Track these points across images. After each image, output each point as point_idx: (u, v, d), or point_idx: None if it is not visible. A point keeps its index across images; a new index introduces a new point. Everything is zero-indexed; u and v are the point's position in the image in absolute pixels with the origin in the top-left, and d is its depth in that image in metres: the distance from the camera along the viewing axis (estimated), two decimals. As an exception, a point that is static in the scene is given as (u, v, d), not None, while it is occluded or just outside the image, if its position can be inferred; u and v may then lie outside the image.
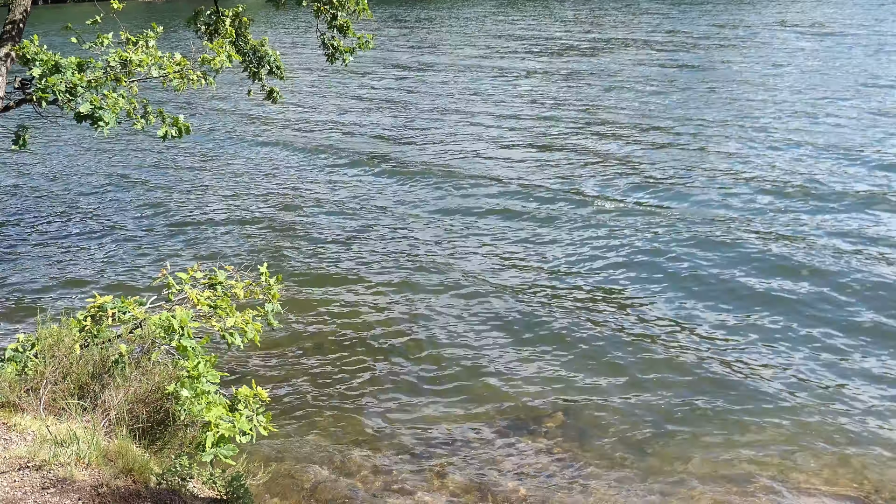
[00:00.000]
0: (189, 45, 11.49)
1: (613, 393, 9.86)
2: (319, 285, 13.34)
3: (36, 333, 7.51)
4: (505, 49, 42.10)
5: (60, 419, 6.34)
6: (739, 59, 33.53)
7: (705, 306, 11.94)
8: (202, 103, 30.75)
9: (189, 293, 8.15)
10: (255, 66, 15.04)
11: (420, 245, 14.81)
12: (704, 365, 10.37)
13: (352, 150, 22.24)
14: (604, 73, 32.04)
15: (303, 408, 9.81)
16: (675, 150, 20.06)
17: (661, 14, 57.32)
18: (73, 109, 9.80)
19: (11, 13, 11.91)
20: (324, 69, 36.40)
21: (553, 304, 12.21)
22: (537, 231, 15.18)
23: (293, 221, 16.43)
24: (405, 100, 29.58)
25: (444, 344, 11.20)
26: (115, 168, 21.58)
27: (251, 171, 20.55)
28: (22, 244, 15.79)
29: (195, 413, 6.16)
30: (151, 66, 10.57)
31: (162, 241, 15.63)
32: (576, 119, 24.19)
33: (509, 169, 19.26)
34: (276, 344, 11.27)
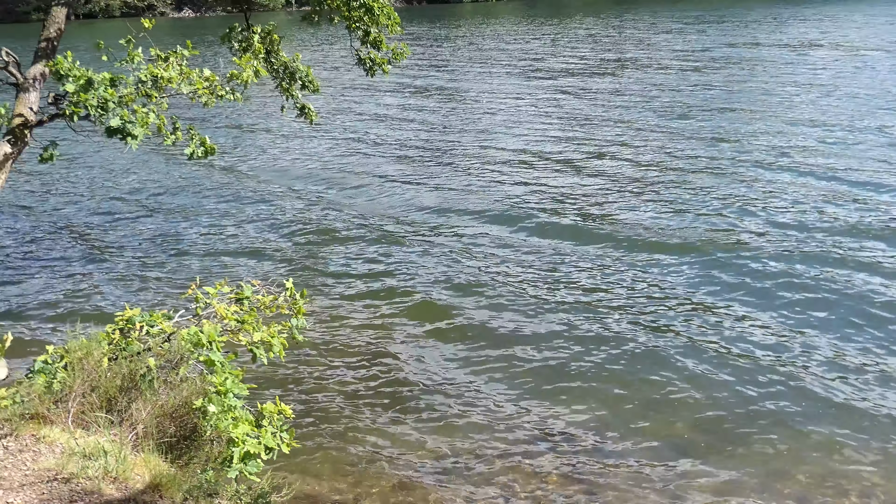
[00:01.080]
0: (216, 60, 11.61)
1: (638, 418, 9.80)
2: (344, 301, 13.39)
3: (65, 346, 7.58)
4: (524, 68, 42.29)
5: (89, 432, 6.39)
6: (761, 80, 33.45)
7: (729, 331, 11.85)
8: (228, 120, 31.03)
9: (217, 307, 8.20)
10: (287, 82, 15.19)
11: (446, 264, 14.82)
12: (728, 391, 10.29)
13: (376, 166, 22.37)
14: (622, 94, 32.03)
15: (324, 424, 9.82)
16: (699, 174, 19.98)
17: (680, 32, 57.44)
18: (104, 124, 9.92)
19: (46, 30, 12.12)
20: (344, 86, 36.71)
21: (576, 330, 12.17)
22: (561, 254, 15.14)
23: (318, 237, 16.52)
24: (425, 118, 29.71)
25: (470, 365, 11.16)
26: (144, 183, 21.83)
27: (277, 187, 20.69)
28: (51, 257, 15.98)
29: (222, 429, 6.18)
30: (181, 82, 10.68)
31: (189, 255, 15.76)
32: (595, 141, 24.17)
33: (530, 190, 19.28)
34: (299, 359, 11.30)
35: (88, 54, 15.50)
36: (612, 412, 9.84)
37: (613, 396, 10.17)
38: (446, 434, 9.54)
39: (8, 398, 6.98)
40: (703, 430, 9.40)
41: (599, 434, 9.41)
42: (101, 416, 6.60)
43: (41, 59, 11.92)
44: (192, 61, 11.16)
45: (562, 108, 29.91)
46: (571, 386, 10.47)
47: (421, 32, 69.70)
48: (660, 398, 10.09)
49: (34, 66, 11.81)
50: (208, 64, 38.89)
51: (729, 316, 12.18)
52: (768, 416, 9.58)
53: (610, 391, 10.29)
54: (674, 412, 9.77)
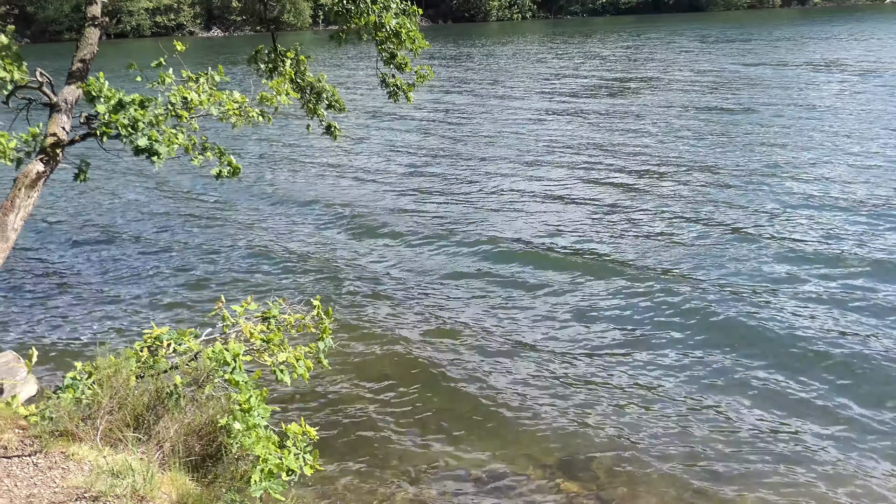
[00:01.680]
0: (242, 78, 11.77)
1: (666, 441, 9.75)
2: (371, 321, 13.42)
3: (94, 362, 7.67)
4: (546, 88, 42.41)
5: (116, 450, 6.46)
6: (777, 101, 33.23)
7: (750, 363, 11.77)
8: (253, 137, 31.32)
9: (243, 326, 8.28)
10: (314, 102, 15.32)
11: (470, 286, 14.84)
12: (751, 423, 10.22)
13: (398, 184, 22.46)
14: (640, 115, 31.96)
15: (349, 445, 9.83)
16: (716, 202, 19.87)
17: (703, 52, 57.46)
18: (133, 143, 10.06)
19: (79, 51, 12.32)
20: (367, 105, 36.98)
21: (597, 355, 12.13)
22: (587, 275, 15.09)
23: (343, 255, 16.59)
24: (449, 137, 29.85)
25: (493, 385, 11.14)
26: (171, 200, 22.06)
27: (302, 205, 20.82)
28: (81, 273, 16.18)
29: (247, 446, 6.24)
30: (211, 104, 10.82)
31: (217, 271, 15.87)
32: (612, 164, 24.09)
33: (551, 211, 19.28)
34: (325, 378, 11.33)
35: (119, 73, 15.73)
36: (647, 428, 9.80)
37: (650, 416, 10.13)
38: (475, 455, 9.52)
39: (37, 414, 7.07)
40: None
41: (631, 450, 9.37)
42: (129, 433, 6.67)
43: (74, 79, 12.12)
44: (221, 82, 11.31)
45: (584, 129, 29.90)
46: (604, 404, 10.43)
47: (446, 51, 70.05)
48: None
49: (67, 87, 12.00)
50: (237, 83, 39.33)
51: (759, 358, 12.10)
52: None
53: (647, 410, 10.25)
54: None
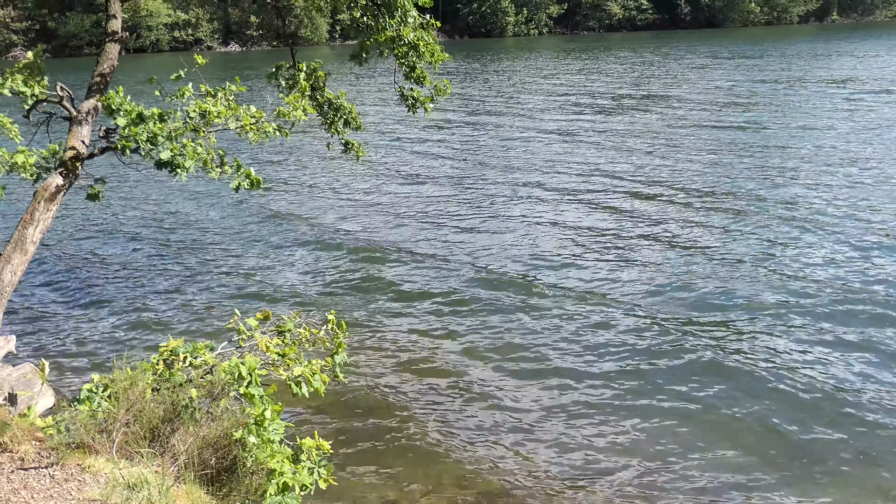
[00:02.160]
0: (261, 93, 11.87)
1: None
2: (384, 334, 13.43)
3: (110, 375, 7.71)
4: (554, 105, 42.46)
5: (132, 462, 6.48)
6: (788, 120, 33.03)
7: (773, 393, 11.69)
8: (269, 153, 31.50)
9: (258, 340, 8.30)
10: (332, 119, 15.40)
11: (485, 301, 14.82)
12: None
13: (413, 200, 22.51)
14: (648, 134, 31.86)
15: (361, 458, 9.82)
16: (734, 220, 19.80)
17: (718, 67, 57.46)
18: (154, 158, 10.14)
19: (99, 66, 12.46)
20: (383, 121, 37.08)
21: (621, 377, 12.09)
22: (605, 292, 15.08)
23: (358, 270, 16.62)
24: (463, 154, 29.92)
25: (513, 401, 11.11)
26: (187, 214, 22.18)
27: (317, 220, 20.89)
28: (97, 286, 16.27)
29: (261, 460, 6.24)
30: (229, 118, 10.89)
31: (232, 286, 15.93)
32: (628, 183, 24.06)
33: (568, 230, 19.27)
34: (340, 391, 11.33)
35: (138, 87, 15.84)
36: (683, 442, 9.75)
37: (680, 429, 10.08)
38: (490, 472, 9.49)
39: (54, 427, 7.11)
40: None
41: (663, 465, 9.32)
42: (145, 446, 6.69)
43: (94, 93, 12.24)
44: (239, 95, 11.39)
45: (594, 150, 29.82)
46: (624, 421, 10.38)
47: (461, 68, 70.28)
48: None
49: (87, 101, 12.13)
50: (255, 97, 39.57)
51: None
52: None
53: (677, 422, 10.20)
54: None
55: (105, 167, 21.58)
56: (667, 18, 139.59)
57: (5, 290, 10.36)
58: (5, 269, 10.38)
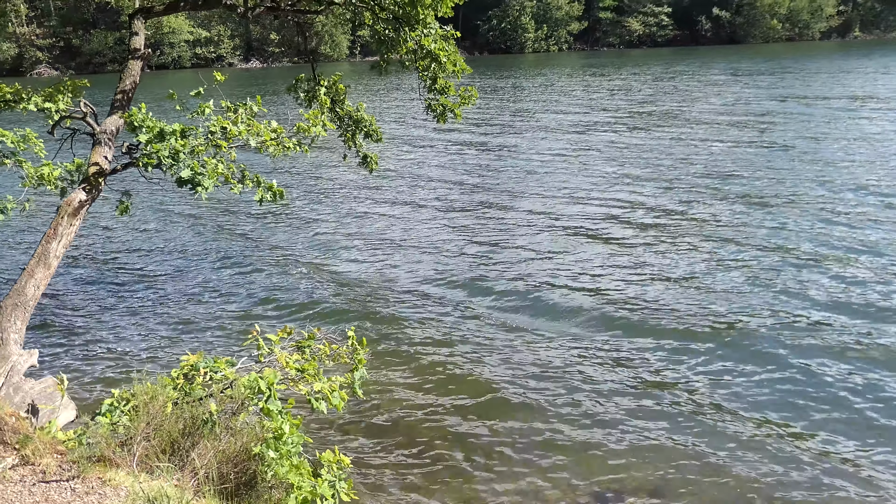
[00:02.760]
0: (281, 109, 11.97)
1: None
2: (402, 351, 13.43)
3: (131, 389, 7.75)
4: (577, 122, 42.51)
5: (152, 476, 6.50)
6: (810, 136, 32.75)
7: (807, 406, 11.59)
8: (286, 167, 31.67)
9: (278, 355, 8.32)
10: (352, 131, 15.49)
11: (506, 317, 14.82)
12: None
13: (438, 212, 22.55)
14: (666, 152, 31.70)
15: (382, 472, 9.81)
16: (759, 241, 19.69)
17: (738, 84, 57.26)
18: (175, 174, 10.23)
19: (122, 83, 12.62)
20: (401, 136, 37.18)
21: (644, 394, 12.03)
22: (608, 319, 15.03)
23: (377, 285, 16.64)
24: (481, 172, 29.95)
25: (534, 418, 11.07)
26: (208, 229, 22.31)
27: (336, 236, 20.95)
28: (118, 301, 16.38)
29: (280, 475, 6.25)
30: (249, 135, 10.97)
31: (253, 301, 16.00)
32: (650, 200, 24.06)
33: (573, 255, 19.23)
34: (359, 406, 11.33)
35: (160, 104, 16.02)
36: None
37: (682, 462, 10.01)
38: (513, 490, 9.45)
39: (75, 440, 7.15)
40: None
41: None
42: (165, 459, 6.72)
43: (117, 110, 12.40)
44: (259, 114, 11.48)
45: (616, 164, 29.90)
46: (633, 442, 10.32)
47: (479, 84, 70.47)
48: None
49: (110, 118, 12.28)
50: (275, 113, 39.83)
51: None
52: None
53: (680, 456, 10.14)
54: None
55: (126, 181, 21.77)
56: (687, 35, 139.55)
57: (28, 303, 10.47)
58: (29, 282, 10.49)
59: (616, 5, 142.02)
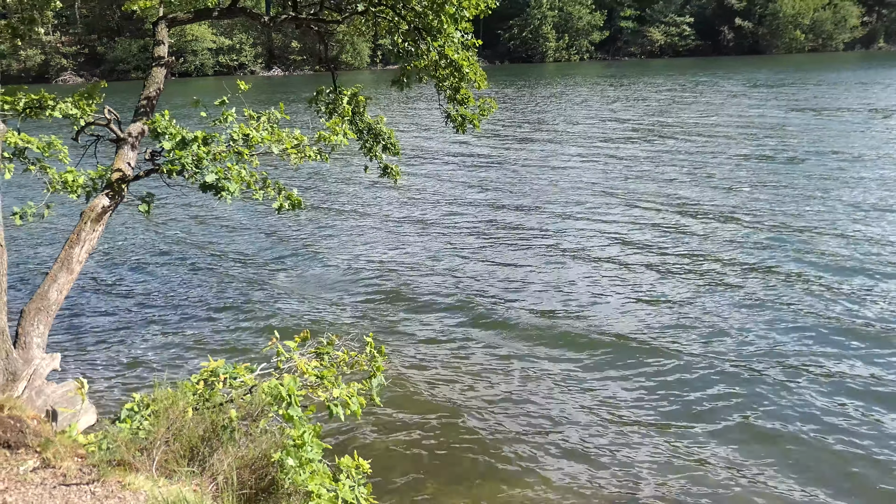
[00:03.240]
0: (303, 117, 12.06)
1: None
2: (423, 357, 13.43)
3: (152, 394, 7.80)
4: (589, 133, 42.50)
5: (171, 480, 6.53)
6: (830, 149, 32.45)
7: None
8: (303, 177, 31.81)
9: (297, 362, 8.35)
10: (371, 143, 15.55)
11: (525, 326, 14.79)
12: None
13: (455, 223, 22.57)
14: (683, 163, 31.59)
15: (400, 478, 9.81)
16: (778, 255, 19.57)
17: (760, 97, 56.89)
18: (198, 181, 10.30)
19: (146, 89, 12.73)
20: (420, 147, 37.24)
21: (664, 404, 11.98)
22: (640, 326, 14.98)
23: (395, 292, 16.66)
24: (500, 181, 29.97)
25: (552, 425, 11.04)
26: (227, 235, 22.43)
27: (356, 243, 21.01)
28: (140, 305, 16.49)
29: (299, 483, 6.26)
30: (271, 142, 11.04)
31: (272, 307, 16.06)
32: (671, 212, 23.98)
33: (599, 261, 19.19)
34: (378, 412, 11.34)
35: (183, 111, 16.14)
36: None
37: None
38: (530, 497, 9.42)
39: (95, 444, 7.21)
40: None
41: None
42: (184, 465, 6.75)
43: (141, 116, 12.50)
44: (281, 121, 11.55)
45: (634, 176, 29.84)
46: (674, 448, 10.27)
47: (500, 94, 70.55)
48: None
49: (134, 124, 12.39)
50: (297, 121, 40.06)
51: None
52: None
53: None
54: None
55: (149, 186, 21.95)
56: (709, 45, 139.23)
57: (51, 308, 10.56)
58: (52, 287, 10.59)
59: (638, 15, 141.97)
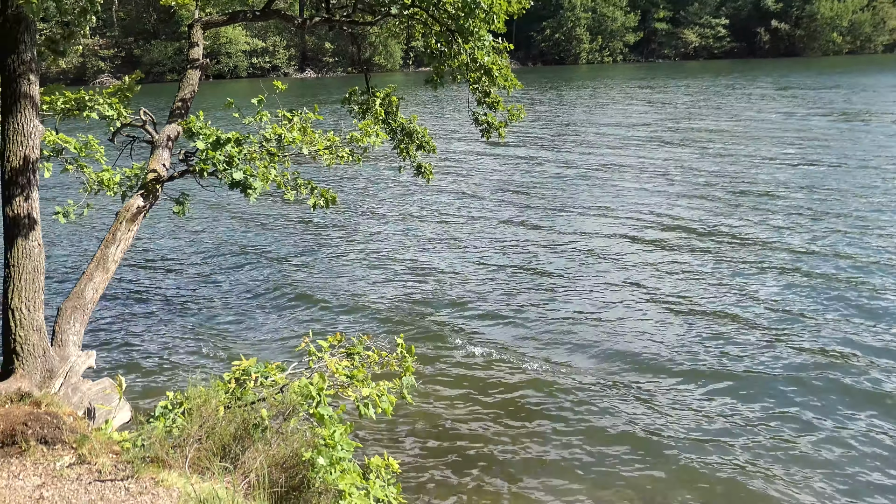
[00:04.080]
0: (335, 119, 12.14)
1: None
2: (453, 358, 13.43)
3: (185, 392, 7.88)
4: (631, 136, 42.19)
5: (204, 478, 6.60)
6: (862, 156, 31.83)
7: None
8: (338, 177, 31.95)
9: (328, 362, 8.40)
10: (405, 143, 15.59)
11: (554, 332, 14.75)
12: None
13: (484, 226, 22.56)
14: (723, 170, 31.31)
15: (430, 478, 9.82)
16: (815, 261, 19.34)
17: (799, 99, 56.13)
18: (228, 179, 10.39)
19: (181, 91, 12.87)
20: (454, 147, 37.26)
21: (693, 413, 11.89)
22: (679, 325, 14.88)
23: (431, 294, 16.68)
24: (533, 182, 29.87)
25: (591, 430, 10.99)
26: (263, 236, 22.59)
27: (388, 242, 21.07)
28: (172, 305, 16.67)
29: (329, 482, 6.29)
30: (303, 143, 11.11)
31: (304, 306, 16.15)
32: (699, 220, 23.80)
33: (639, 265, 19.08)
34: (408, 412, 11.37)
35: (216, 112, 16.29)
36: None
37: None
38: (558, 499, 9.40)
39: (130, 441, 7.30)
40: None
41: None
42: (217, 462, 6.81)
43: (175, 118, 12.65)
44: (314, 122, 11.62)
45: (667, 179, 29.65)
46: (683, 460, 10.20)
47: (532, 96, 70.41)
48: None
49: (169, 125, 12.53)
50: (329, 123, 40.29)
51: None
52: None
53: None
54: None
55: (184, 187, 22.18)
56: (745, 47, 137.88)
57: (87, 306, 10.71)
58: (88, 286, 10.74)
59: (672, 16, 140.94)
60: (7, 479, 6.61)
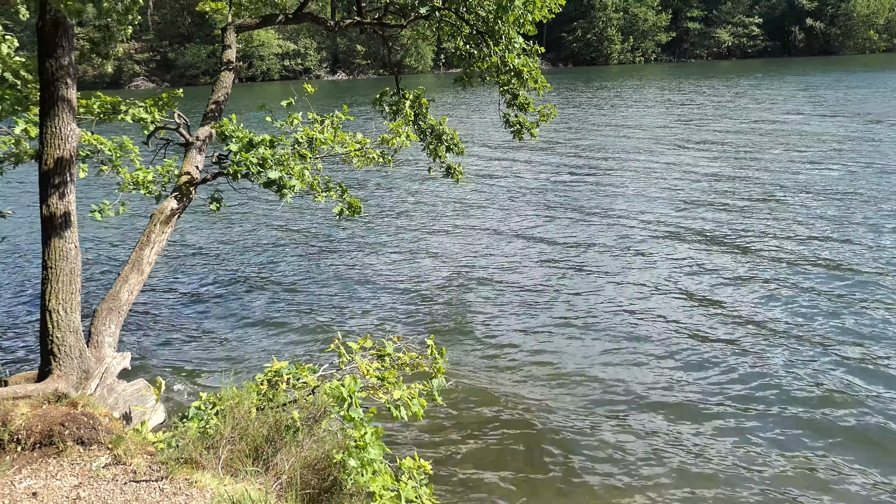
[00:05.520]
0: (367, 121, 12.18)
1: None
2: (483, 360, 13.41)
3: (218, 394, 7.95)
4: (659, 137, 41.81)
5: (236, 479, 6.64)
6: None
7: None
8: (369, 177, 32.04)
9: (359, 363, 8.43)
10: (435, 144, 15.62)
11: (582, 334, 14.67)
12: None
13: (513, 228, 22.51)
14: (751, 175, 31.01)
15: (461, 480, 9.80)
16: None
17: (828, 101, 55.38)
18: (262, 179, 10.46)
19: (215, 94, 12.99)
20: (483, 148, 37.20)
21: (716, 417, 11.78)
22: (700, 330, 14.75)
23: (461, 296, 16.67)
24: (563, 183, 29.78)
25: (623, 429, 10.92)
26: (294, 240, 22.71)
27: (419, 245, 21.09)
28: (207, 306, 16.80)
29: (361, 483, 6.31)
30: (334, 144, 11.17)
31: (335, 308, 16.20)
32: (727, 226, 23.57)
33: (663, 263, 18.93)
34: (439, 413, 11.36)
35: (249, 115, 16.42)
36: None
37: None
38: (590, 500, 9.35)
39: (164, 442, 7.38)
40: None
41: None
42: (249, 463, 6.86)
43: (209, 120, 12.76)
44: (345, 123, 11.68)
45: (698, 181, 29.40)
46: (707, 468, 10.10)
47: (563, 98, 70.19)
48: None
49: (202, 128, 12.65)
50: (359, 124, 40.41)
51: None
52: None
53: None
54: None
55: (218, 188, 22.37)
56: (779, 46, 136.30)
57: (122, 308, 10.84)
58: (123, 288, 10.87)
59: (705, 16, 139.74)
60: (45, 480, 6.71)
